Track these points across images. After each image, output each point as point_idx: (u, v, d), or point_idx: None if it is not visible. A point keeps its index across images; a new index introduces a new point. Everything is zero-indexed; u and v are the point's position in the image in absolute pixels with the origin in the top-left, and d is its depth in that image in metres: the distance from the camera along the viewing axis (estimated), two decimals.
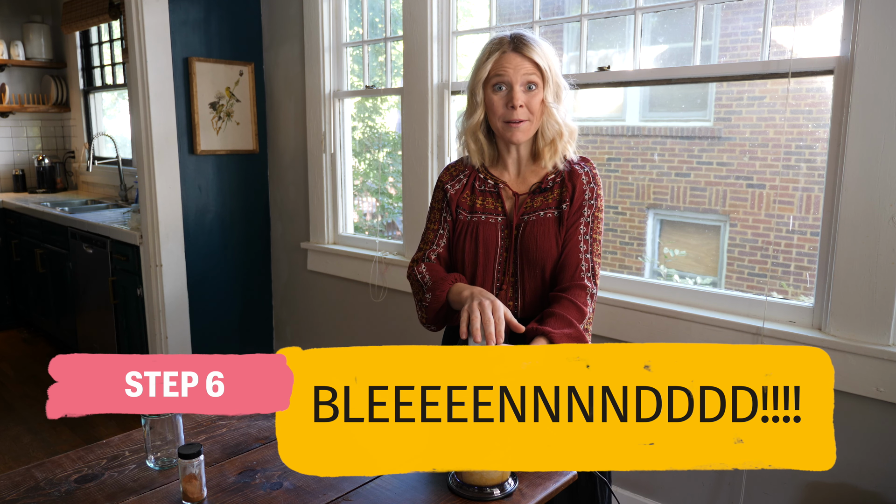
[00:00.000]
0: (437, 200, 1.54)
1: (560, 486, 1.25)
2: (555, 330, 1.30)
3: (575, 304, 1.36)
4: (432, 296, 1.41)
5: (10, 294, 4.70)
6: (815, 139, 3.53)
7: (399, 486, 1.23)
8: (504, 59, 1.37)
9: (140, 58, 3.00)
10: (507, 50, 1.37)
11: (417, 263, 1.51)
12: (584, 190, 1.43)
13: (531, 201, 1.44)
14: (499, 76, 1.37)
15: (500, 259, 1.44)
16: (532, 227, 1.42)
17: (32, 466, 1.29)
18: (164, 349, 3.22)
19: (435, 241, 1.51)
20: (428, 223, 1.56)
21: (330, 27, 3.13)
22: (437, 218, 1.53)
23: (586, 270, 1.40)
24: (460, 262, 1.48)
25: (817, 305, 1.92)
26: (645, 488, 2.30)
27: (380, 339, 3.13)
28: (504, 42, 1.39)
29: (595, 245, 1.44)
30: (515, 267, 1.43)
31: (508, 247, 1.44)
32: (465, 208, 1.48)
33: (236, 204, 3.44)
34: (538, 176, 1.47)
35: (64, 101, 5.13)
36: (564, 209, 1.42)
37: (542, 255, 1.40)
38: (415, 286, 1.50)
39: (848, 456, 1.87)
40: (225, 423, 1.47)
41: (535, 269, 1.41)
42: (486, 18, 2.84)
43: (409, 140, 2.82)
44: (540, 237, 1.41)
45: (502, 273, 1.44)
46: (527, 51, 1.36)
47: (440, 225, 1.52)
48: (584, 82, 2.35)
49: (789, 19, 1.98)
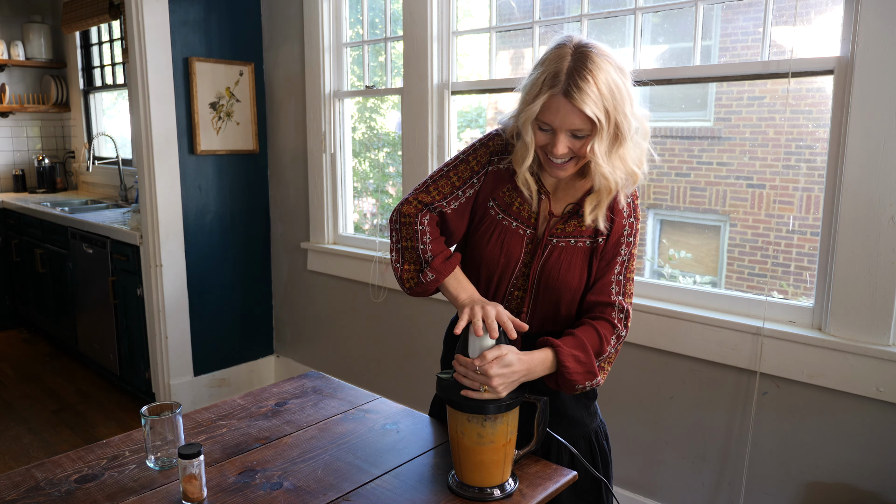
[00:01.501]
0: (476, 160, 1.37)
1: (560, 487, 1.25)
2: (564, 346, 1.25)
3: (598, 334, 1.29)
4: (434, 278, 1.31)
5: (10, 294, 4.70)
6: (815, 139, 3.53)
7: (399, 486, 1.23)
8: (552, 104, 1.19)
9: (140, 58, 3.00)
10: (557, 93, 1.18)
11: (423, 211, 1.35)
12: (623, 225, 1.33)
13: (564, 224, 1.33)
14: (544, 123, 1.22)
15: (517, 273, 1.36)
16: (559, 254, 1.32)
17: (32, 466, 1.29)
18: (164, 349, 3.22)
19: (449, 198, 1.36)
20: (450, 170, 1.37)
21: (330, 27, 3.13)
22: (465, 176, 1.37)
23: (619, 311, 1.33)
24: (478, 259, 1.38)
25: (817, 305, 1.92)
26: (645, 488, 2.30)
27: (380, 340, 3.13)
28: (559, 77, 1.18)
29: (628, 285, 1.35)
30: (531, 286, 1.36)
31: (528, 262, 1.35)
32: (500, 203, 1.35)
33: (236, 204, 3.44)
34: (575, 195, 1.34)
35: (64, 101, 5.13)
36: (600, 243, 1.32)
37: (562, 286, 1.33)
38: (407, 232, 1.35)
39: (848, 456, 1.87)
40: (225, 424, 1.47)
41: (550, 296, 1.34)
42: (486, 18, 2.84)
43: (409, 140, 2.82)
44: (564, 266, 1.32)
45: (516, 288, 1.37)
46: (577, 101, 1.16)
47: (464, 185, 1.36)
48: None
49: (789, 19, 1.98)
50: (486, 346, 1.18)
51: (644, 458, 2.29)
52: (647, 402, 2.26)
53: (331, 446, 1.37)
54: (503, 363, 1.16)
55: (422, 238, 1.34)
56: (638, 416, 2.28)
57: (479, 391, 1.16)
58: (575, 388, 1.28)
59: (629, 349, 2.26)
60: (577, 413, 1.43)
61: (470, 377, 1.16)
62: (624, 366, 2.28)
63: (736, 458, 2.08)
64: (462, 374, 1.17)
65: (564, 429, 1.40)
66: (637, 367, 2.26)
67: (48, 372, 3.95)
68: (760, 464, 2.04)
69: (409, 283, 1.36)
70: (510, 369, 1.17)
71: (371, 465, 1.30)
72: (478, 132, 4.12)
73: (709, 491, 2.16)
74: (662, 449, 2.25)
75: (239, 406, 1.57)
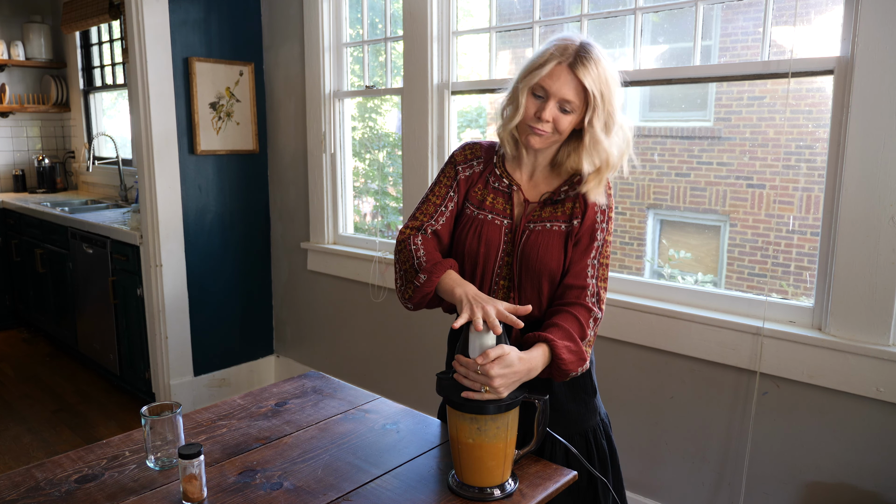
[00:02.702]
0: (446, 177, 1.50)
1: (560, 487, 1.25)
2: (557, 340, 1.28)
3: (578, 320, 1.34)
4: (427, 279, 1.36)
5: (10, 294, 4.70)
6: (815, 139, 3.53)
7: (399, 486, 1.23)
8: (556, 71, 1.31)
9: (140, 58, 3.00)
10: (563, 62, 1.31)
11: (414, 234, 1.46)
12: (596, 211, 1.40)
13: (540, 211, 1.42)
14: (542, 88, 1.33)
15: (500, 262, 1.42)
16: (536, 236, 1.40)
17: (32, 466, 1.29)
18: (164, 349, 3.22)
19: (435, 216, 1.47)
20: (430, 194, 1.50)
21: (330, 27, 3.13)
22: (442, 193, 1.49)
23: (591, 295, 1.38)
24: (461, 254, 1.46)
25: (817, 305, 1.92)
26: (645, 488, 2.30)
27: (380, 340, 3.13)
28: (567, 52, 1.31)
29: (602, 270, 1.41)
30: (514, 273, 1.42)
31: (510, 251, 1.42)
32: (473, 202, 1.46)
33: (236, 204, 3.44)
34: (551, 185, 1.44)
35: (64, 101, 5.13)
36: (574, 225, 1.39)
37: (542, 266, 1.38)
38: (404, 256, 1.45)
39: (848, 456, 1.87)
40: (225, 424, 1.47)
41: (533, 279, 1.40)
42: (486, 18, 2.83)
43: (409, 140, 2.82)
44: (542, 248, 1.39)
45: (500, 277, 1.43)
46: (580, 73, 1.30)
47: (444, 202, 1.48)
48: None
49: (789, 19, 1.98)
50: (487, 344, 1.18)
51: (644, 458, 2.29)
52: (647, 402, 2.26)
53: (331, 446, 1.37)
54: (505, 363, 1.16)
55: (416, 254, 1.43)
56: (638, 416, 2.28)
57: (480, 391, 1.16)
58: (568, 376, 1.31)
59: (629, 349, 2.26)
60: (574, 408, 1.43)
61: (471, 378, 1.16)
62: (624, 366, 2.28)
63: (736, 458, 2.08)
64: (463, 374, 1.17)
65: (559, 424, 1.40)
66: (637, 367, 2.26)
67: (48, 372, 3.95)
68: (760, 464, 2.04)
69: (408, 293, 1.42)
70: (511, 369, 1.17)
71: (371, 465, 1.30)
72: (478, 132, 4.12)
73: (709, 491, 2.16)
74: (662, 449, 2.25)
75: (239, 406, 1.57)
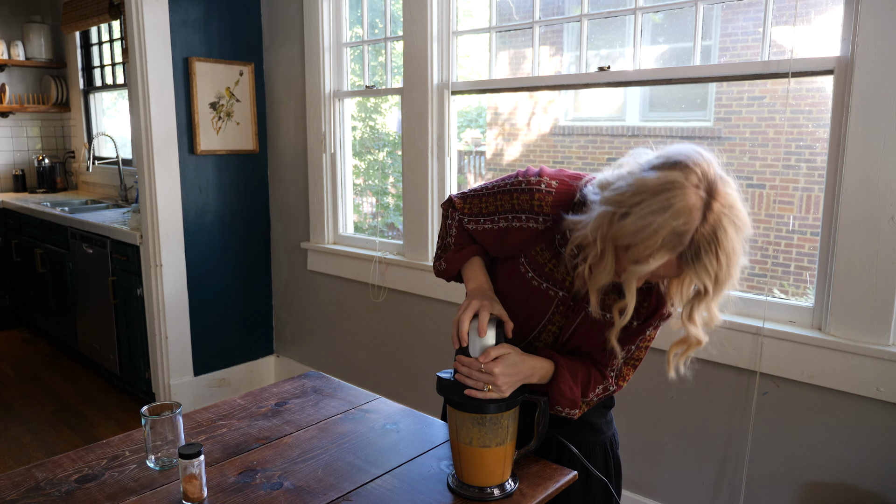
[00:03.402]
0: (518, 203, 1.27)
1: (560, 486, 1.25)
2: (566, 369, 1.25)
3: (589, 375, 1.29)
4: (446, 267, 1.41)
5: (10, 294, 4.70)
6: (815, 139, 3.53)
7: (399, 486, 1.23)
8: (666, 265, 1.05)
9: (140, 58, 3.00)
10: (673, 255, 1.04)
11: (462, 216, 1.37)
12: (661, 315, 1.29)
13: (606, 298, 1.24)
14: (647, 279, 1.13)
15: (542, 330, 1.33)
16: (592, 324, 1.28)
17: (32, 466, 1.29)
18: (164, 349, 3.22)
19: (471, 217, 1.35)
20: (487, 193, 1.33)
21: (330, 27, 3.13)
22: (504, 209, 1.29)
23: (613, 369, 1.31)
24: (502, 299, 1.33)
25: (817, 305, 1.92)
26: (645, 488, 2.30)
27: (380, 340, 3.13)
28: (682, 243, 1.02)
29: (638, 352, 1.33)
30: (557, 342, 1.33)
31: (559, 323, 1.31)
32: (533, 264, 1.30)
33: (236, 204, 3.44)
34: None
35: (64, 101, 5.13)
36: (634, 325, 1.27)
37: (589, 348, 1.32)
38: (443, 223, 1.45)
39: (848, 456, 1.87)
40: (225, 423, 1.47)
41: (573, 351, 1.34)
42: (486, 18, 2.84)
43: (409, 140, 2.82)
44: (591, 337, 1.30)
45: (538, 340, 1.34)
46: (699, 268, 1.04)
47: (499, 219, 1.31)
48: (584, 82, 2.35)
49: (789, 19, 1.98)
50: (487, 344, 1.18)
51: (644, 458, 2.29)
52: (647, 402, 2.26)
53: (331, 446, 1.37)
54: (508, 363, 1.16)
55: (449, 231, 1.43)
56: (638, 416, 2.28)
57: (483, 391, 1.15)
58: (554, 408, 1.28)
59: None
60: (596, 420, 1.43)
61: (474, 377, 1.16)
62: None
63: (736, 458, 2.08)
64: (465, 374, 1.17)
65: (586, 435, 1.39)
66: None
67: (48, 372, 3.95)
68: (760, 464, 2.04)
69: (436, 266, 1.46)
70: (514, 369, 1.17)
71: (371, 465, 1.30)
72: (478, 132, 4.12)
73: (709, 491, 2.16)
74: (662, 449, 2.25)
75: (239, 406, 1.57)
